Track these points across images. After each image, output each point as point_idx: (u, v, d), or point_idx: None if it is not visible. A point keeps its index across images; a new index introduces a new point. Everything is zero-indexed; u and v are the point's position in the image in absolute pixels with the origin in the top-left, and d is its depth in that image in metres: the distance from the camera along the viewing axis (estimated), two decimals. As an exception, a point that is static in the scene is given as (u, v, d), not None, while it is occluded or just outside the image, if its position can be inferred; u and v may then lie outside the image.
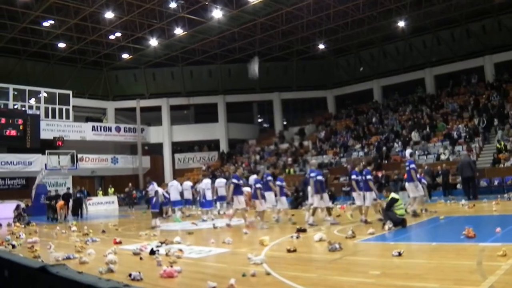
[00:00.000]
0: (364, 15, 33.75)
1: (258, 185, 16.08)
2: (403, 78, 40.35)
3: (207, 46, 39.93)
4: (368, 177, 15.03)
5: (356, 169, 15.99)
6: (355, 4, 32.11)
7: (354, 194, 15.71)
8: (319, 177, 15.46)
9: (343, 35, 37.99)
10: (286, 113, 47.80)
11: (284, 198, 17.47)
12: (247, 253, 9.26)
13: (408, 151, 19.57)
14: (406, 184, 16.07)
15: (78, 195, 26.11)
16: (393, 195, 13.43)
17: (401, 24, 34.93)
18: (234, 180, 16.79)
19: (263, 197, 16.13)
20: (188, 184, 24.55)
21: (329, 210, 15.77)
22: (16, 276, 3.34)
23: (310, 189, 16.25)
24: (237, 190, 16.69)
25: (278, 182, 17.15)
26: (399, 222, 12.81)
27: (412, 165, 15.81)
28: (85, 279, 2.51)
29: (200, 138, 45.53)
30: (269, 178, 17.07)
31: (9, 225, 21.89)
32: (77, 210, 25.71)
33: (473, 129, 28.89)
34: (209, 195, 21.03)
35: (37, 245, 13.64)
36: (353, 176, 15.48)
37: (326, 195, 15.55)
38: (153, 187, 19.79)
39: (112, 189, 33.29)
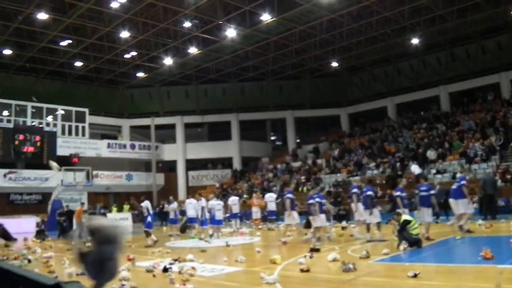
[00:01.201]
0: (378, 32, 33.66)
1: (311, 201, 15.72)
2: (417, 96, 40.04)
3: (221, 65, 40.09)
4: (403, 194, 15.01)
5: (400, 185, 15.79)
6: (368, 22, 32.06)
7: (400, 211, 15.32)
8: (369, 193, 15.53)
9: (357, 53, 37.92)
10: (299, 131, 47.68)
11: (295, 213, 17.19)
12: (260, 272, 9.13)
13: (413, 167, 19.43)
14: (454, 200, 15.69)
15: (101, 211, 25.87)
16: (404, 217, 13.20)
17: (415, 41, 34.76)
18: (290, 195, 16.80)
19: (319, 213, 15.75)
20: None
21: (378, 225, 15.49)
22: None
23: (353, 205, 16.18)
24: (293, 205, 16.68)
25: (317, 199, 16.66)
26: (415, 242, 12.59)
27: (463, 182, 15.54)
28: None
29: (214, 156, 45.54)
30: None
31: (25, 239, 21.92)
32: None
33: (489, 147, 28.52)
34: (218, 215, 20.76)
35: (52, 260, 13.63)
36: (398, 193, 15.18)
37: (376, 211, 15.48)
38: (145, 204, 19.81)
39: (128, 206, 33.26)
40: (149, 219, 19.32)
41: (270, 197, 25.61)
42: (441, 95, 38.51)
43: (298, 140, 47.46)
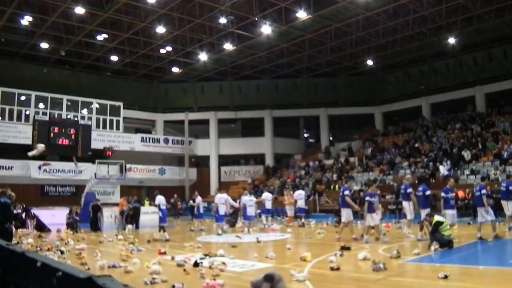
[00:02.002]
0: (414, 31, 33.25)
1: (368, 198, 15.72)
2: (452, 96, 39.43)
3: (255, 61, 40.16)
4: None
5: (448, 185, 15.75)
6: (405, 20, 31.70)
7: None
8: (428, 192, 15.66)
9: (392, 51, 37.53)
10: (332, 128, 47.49)
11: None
12: (290, 269, 9.22)
13: (441, 168, 19.19)
14: (504, 201, 15.62)
15: (135, 204, 26.04)
16: (437, 218, 13.15)
17: (452, 40, 34.23)
18: (346, 192, 16.94)
19: (374, 211, 15.79)
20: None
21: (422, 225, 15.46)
22: (63, 285, 3.41)
23: (405, 204, 16.16)
24: (344, 202, 16.72)
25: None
26: (446, 243, 12.52)
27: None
28: (129, 292, 2.55)
29: (246, 152, 45.69)
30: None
31: (58, 231, 22.39)
32: (134, 219, 25.42)
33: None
34: (221, 210, 21.05)
35: (84, 252, 13.94)
36: (443, 194, 15.11)
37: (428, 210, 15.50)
38: (159, 200, 20.04)
39: (149, 202, 33.53)
40: (161, 214, 19.58)
41: (300, 194, 25.74)
42: (477, 95, 37.87)
43: (331, 138, 47.29)
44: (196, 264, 10.89)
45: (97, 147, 34.70)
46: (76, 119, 35.40)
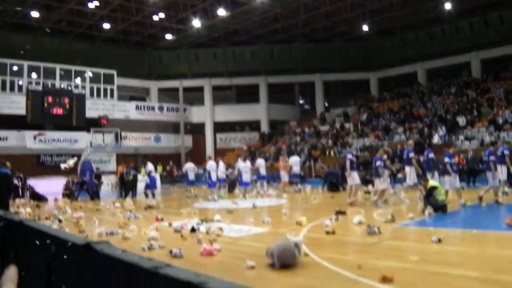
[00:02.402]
0: (410, -4, 33.03)
1: (379, 163, 15.79)
2: (448, 62, 39.36)
3: (249, 27, 39.84)
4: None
5: (451, 151, 15.81)
6: (401, -15, 31.45)
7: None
8: (431, 155, 16.03)
9: (388, 16, 37.23)
10: (327, 94, 47.40)
11: (355, 174, 17.15)
12: (286, 233, 9.31)
13: (437, 136, 19.29)
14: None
15: (133, 172, 25.80)
16: (431, 183, 13.26)
17: (448, 6, 33.98)
18: (350, 156, 17.06)
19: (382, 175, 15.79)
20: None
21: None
22: (62, 251, 3.46)
23: (407, 169, 16.11)
24: (353, 166, 16.82)
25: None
26: (440, 208, 12.65)
27: (506, 151, 15.39)
28: (128, 257, 2.59)
29: (242, 119, 45.70)
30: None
31: (56, 200, 22.48)
32: (132, 188, 25.37)
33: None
34: (213, 177, 21.61)
35: (82, 220, 14.04)
36: (447, 159, 15.08)
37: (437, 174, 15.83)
38: (148, 167, 20.48)
39: (161, 167, 33.47)
40: (149, 181, 19.94)
41: (295, 160, 25.81)
42: (472, 61, 37.82)
43: (326, 104, 47.25)
44: (193, 230, 11.00)
45: (92, 116, 34.65)
46: (69, 88, 35.24)
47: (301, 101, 52.96)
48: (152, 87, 45.25)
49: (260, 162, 25.16)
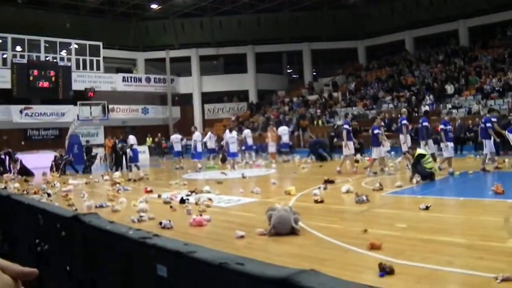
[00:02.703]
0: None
1: (376, 131, 15.81)
2: (436, 30, 39.14)
3: (236, -4, 39.41)
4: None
5: (446, 118, 15.86)
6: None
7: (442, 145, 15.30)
8: (425, 124, 15.85)
9: (375, -16, 36.94)
10: (315, 64, 47.21)
11: (351, 144, 17.07)
12: (275, 203, 9.38)
13: (423, 107, 19.34)
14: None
15: (120, 144, 25.43)
16: (419, 151, 13.37)
17: (436, -28, 33.74)
18: (346, 126, 16.99)
19: (379, 144, 15.81)
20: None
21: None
22: (50, 224, 3.46)
23: (401, 137, 16.09)
24: (349, 136, 16.83)
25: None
26: (427, 176, 12.77)
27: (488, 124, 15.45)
28: (115, 228, 2.59)
29: (230, 89, 45.43)
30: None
31: (44, 174, 22.39)
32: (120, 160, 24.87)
33: (506, 83, 28.19)
34: (199, 148, 21.65)
35: (71, 194, 14.03)
36: (441, 126, 15.15)
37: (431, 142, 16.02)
38: (130, 140, 20.61)
39: (151, 139, 33.26)
40: (132, 154, 19.99)
41: (284, 130, 25.84)
42: (460, 29, 37.63)
43: (314, 73, 47.11)
44: (182, 201, 11.05)
45: (78, 88, 34.34)
46: (55, 60, 34.80)
47: (289, 71, 52.76)
48: (139, 58, 44.79)
49: (247, 132, 25.13)
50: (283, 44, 45.44)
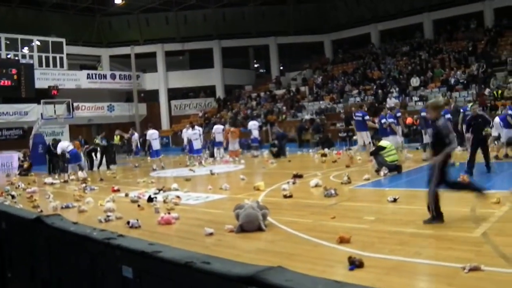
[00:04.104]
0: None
1: (384, 120, 15.96)
2: (401, 23, 39.48)
3: (201, -10, 39.17)
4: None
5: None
6: None
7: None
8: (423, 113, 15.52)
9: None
10: (282, 58, 47.29)
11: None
12: (244, 198, 9.39)
13: (392, 101, 19.62)
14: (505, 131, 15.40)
15: (103, 142, 24.61)
16: (381, 143, 13.53)
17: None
18: (366, 117, 17.04)
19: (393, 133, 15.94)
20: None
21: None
22: (13, 227, 3.40)
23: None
24: (362, 126, 17.02)
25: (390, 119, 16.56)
26: (394, 168, 12.94)
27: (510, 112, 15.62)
28: (79, 229, 2.56)
29: (196, 84, 45.18)
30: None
31: (7, 175, 21.95)
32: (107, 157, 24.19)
33: (470, 75, 28.71)
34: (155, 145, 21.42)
35: (36, 195, 13.78)
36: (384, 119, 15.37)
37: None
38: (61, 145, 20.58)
39: (118, 137, 32.74)
40: (68, 155, 19.91)
41: (254, 125, 25.88)
42: (425, 22, 38.13)
43: (281, 68, 47.22)
44: (150, 199, 10.98)
45: (42, 86, 33.72)
46: (16, 58, 34.10)
47: (256, 65, 52.76)
48: (103, 54, 44.22)
49: (216, 128, 24.95)
50: (250, 39, 45.38)
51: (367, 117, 16.07)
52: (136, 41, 43.39)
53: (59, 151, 20.44)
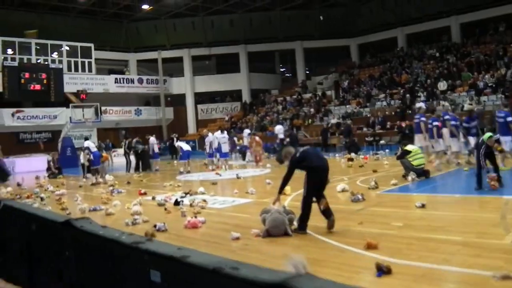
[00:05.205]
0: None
1: (435, 123, 15.45)
2: (428, 26, 39.14)
3: (228, -5, 39.33)
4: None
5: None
6: None
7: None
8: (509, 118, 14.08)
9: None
10: (308, 62, 47.20)
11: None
12: (270, 203, 9.36)
13: (419, 104, 19.18)
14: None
15: (139, 146, 24.57)
16: (408, 147, 13.39)
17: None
18: (451, 118, 15.91)
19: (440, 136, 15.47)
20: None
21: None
22: (42, 229, 3.42)
23: (445, 132, 15.54)
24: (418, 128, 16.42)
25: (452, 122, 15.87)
26: (422, 173, 12.78)
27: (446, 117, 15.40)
28: (108, 233, 2.56)
29: (222, 89, 45.36)
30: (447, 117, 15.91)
31: (37, 178, 22.26)
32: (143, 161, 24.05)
33: (498, 79, 28.24)
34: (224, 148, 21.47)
35: (64, 197, 13.95)
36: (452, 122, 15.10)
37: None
38: (87, 143, 20.56)
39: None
40: (92, 156, 19.89)
41: (280, 129, 25.95)
42: (452, 25, 37.64)
43: (307, 72, 47.14)
44: (177, 203, 11.01)
45: (70, 90, 34.18)
46: (46, 63, 34.61)
47: (282, 70, 52.77)
48: (131, 59, 44.67)
49: (246, 131, 25.07)
50: (276, 43, 45.37)
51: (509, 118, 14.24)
52: (163, 46, 43.76)
53: (88, 147, 20.45)
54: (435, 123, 15.37)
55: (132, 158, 24.28)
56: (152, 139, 23.76)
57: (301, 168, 7.90)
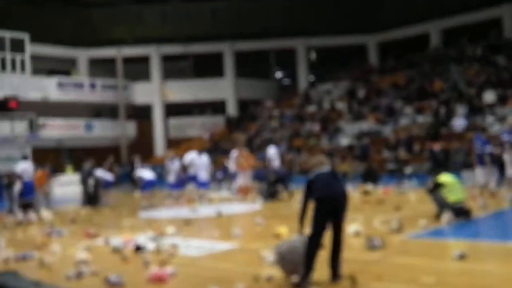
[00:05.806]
0: None
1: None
2: (470, 19, 39.32)
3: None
4: None
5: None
6: None
7: None
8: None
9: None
10: (313, 65, 47.47)
11: None
12: (261, 249, 9.30)
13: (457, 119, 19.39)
14: None
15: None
16: (441, 178, 13.20)
17: None
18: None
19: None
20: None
21: None
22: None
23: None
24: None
25: None
26: (461, 212, 12.70)
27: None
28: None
29: (201, 98, 45.43)
30: None
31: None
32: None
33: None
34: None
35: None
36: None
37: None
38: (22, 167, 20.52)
39: (71, 166, 31.93)
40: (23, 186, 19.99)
41: (274, 152, 25.80)
42: (505, 17, 37.76)
43: (312, 78, 47.37)
44: (138, 248, 10.92)
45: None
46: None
47: (278, 75, 53.03)
48: (81, 56, 44.70)
49: (232, 153, 24.99)
50: (271, 41, 45.61)
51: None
52: (124, 41, 43.78)
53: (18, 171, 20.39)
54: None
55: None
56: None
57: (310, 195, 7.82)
